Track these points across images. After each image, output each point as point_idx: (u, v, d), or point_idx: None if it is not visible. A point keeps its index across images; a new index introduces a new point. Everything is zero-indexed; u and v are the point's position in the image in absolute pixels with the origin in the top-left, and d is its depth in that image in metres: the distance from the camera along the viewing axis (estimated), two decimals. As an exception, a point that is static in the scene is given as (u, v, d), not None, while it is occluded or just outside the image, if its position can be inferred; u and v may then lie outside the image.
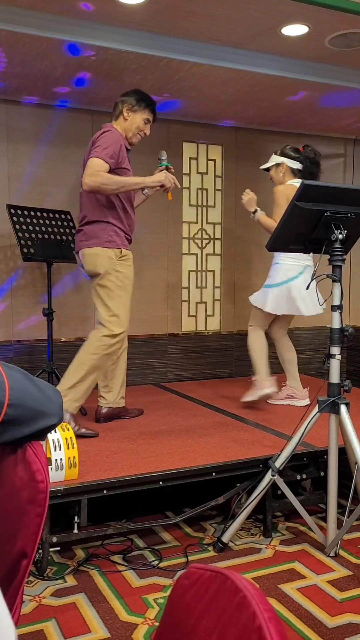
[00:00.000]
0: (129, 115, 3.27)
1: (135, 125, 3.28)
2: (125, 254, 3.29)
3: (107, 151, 3.09)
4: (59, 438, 2.49)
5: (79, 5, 2.84)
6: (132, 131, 3.29)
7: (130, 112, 3.27)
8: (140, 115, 3.28)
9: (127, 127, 3.29)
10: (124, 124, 3.29)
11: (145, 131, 3.33)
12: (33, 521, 1.21)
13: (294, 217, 2.51)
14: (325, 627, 2.13)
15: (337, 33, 3.12)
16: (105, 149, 3.09)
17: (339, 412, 2.53)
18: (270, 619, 0.68)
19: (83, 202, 3.29)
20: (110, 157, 3.09)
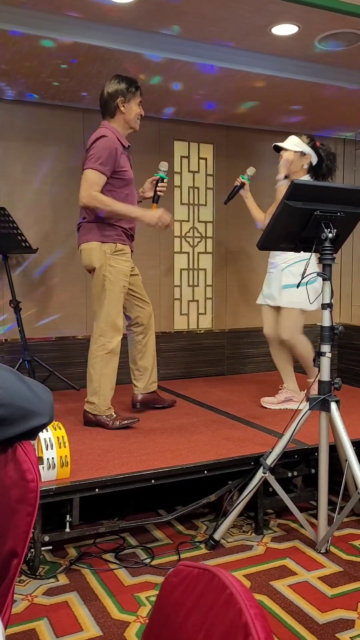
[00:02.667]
0: (125, 108, 3.26)
1: (134, 113, 3.29)
2: (121, 248, 3.28)
3: (101, 160, 3.11)
4: (50, 437, 2.49)
5: (70, 3, 2.84)
6: (132, 120, 3.30)
7: (125, 103, 3.25)
8: (134, 102, 3.28)
9: (126, 118, 3.28)
10: (123, 116, 3.27)
11: (142, 113, 3.34)
12: (23, 520, 1.21)
13: (285, 216, 2.52)
14: (316, 623, 2.15)
15: (327, 33, 3.13)
16: (98, 158, 3.11)
17: (330, 410, 2.55)
18: (256, 616, 0.69)
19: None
20: (105, 166, 3.12)
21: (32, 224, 4.19)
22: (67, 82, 3.78)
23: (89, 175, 3.12)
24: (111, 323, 3.25)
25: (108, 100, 3.27)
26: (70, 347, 4.41)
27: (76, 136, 4.33)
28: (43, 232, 4.27)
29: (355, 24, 3.03)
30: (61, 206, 4.31)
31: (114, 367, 3.31)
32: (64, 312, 4.38)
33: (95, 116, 4.33)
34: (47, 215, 4.28)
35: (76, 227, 3.41)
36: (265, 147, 5.02)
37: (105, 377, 3.27)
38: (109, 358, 3.27)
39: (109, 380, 3.28)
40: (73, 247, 4.36)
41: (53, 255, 4.31)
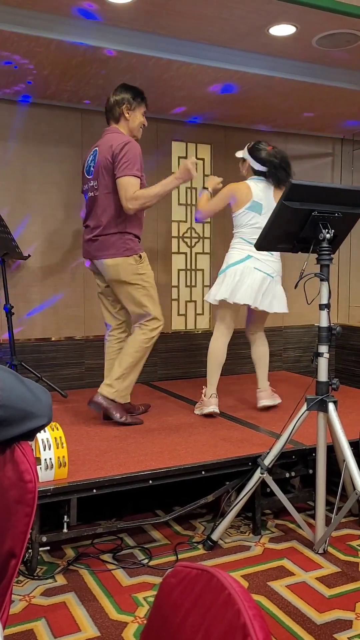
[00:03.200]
0: (129, 115, 3.32)
1: (138, 121, 3.35)
2: (143, 256, 3.38)
3: (137, 166, 3.19)
4: (48, 437, 2.49)
5: (68, 4, 2.84)
6: (136, 129, 3.36)
7: (130, 111, 3.32)
8: (139, 111, 3.34)
9: (131, 126, 3.35)
10: (127, 124, 3.34)
11: (145, 123, 3.40)
12: (21, 521, 1.21)
13: (282, 216, 2.52)
14: (314, 623, 2.15)
15: (325, 33, 3.14)
16: (134, 164, 3.18)
17: (327, 410, 2.55)
18: (254, 616, 0.69)
19: (99, 212, 3.31)
20: (139, 171, 3.21)
21: (28, 224, 4.19)
22: (65, 82, 3.78)
23: (128, 182, 3.17)
24: (153, 321, 3.38)
25: (114, 106, 3.33)
26: (67, 347, 4.41)
27: (74, 137, 4.33)
28: (39, 233, 4.27)
29: (353, 25, 3.03)
30: (59, 207, 4.31)
31: (146, 358, 3.44)
32: (61, 313, 4.38)
33: (94, 117, 4.35)
34: (43, 215, 4.28)
35: (87, 232, 3.41)
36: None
37: (137, 366, 3.40)
38: (148, 350, 3.41)
39: (137, 371, 3.42)
40: (70, 248, 4.37)
41: (51, 256, 4.31)
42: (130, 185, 3.17)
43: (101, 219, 3.30)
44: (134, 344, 3.38)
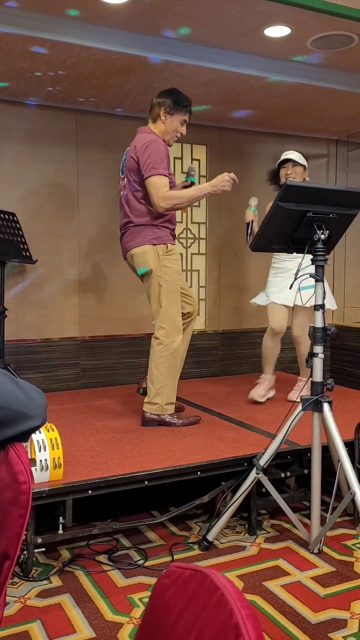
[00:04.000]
0: (166, 119, 3.27)
1: (173, 128, 3.28)
2: (171, 248, 3.32)
3: (162, 165, 3.16)
4: (43, 439, 2.49)
5: (63, 4, 2.84)
6: (169, 134, 3.30)
7: (167, 115, 3.26)
8: (177, 118, 3.27)
9: (165, 129, 3.29)
10: (162, 126, 3.29)
11: (182, 132, 3.32)
12: (16, 522, 1.21)
13: (277, 217, 2.53)
14: (309, 623, 2.15)
15: (319, 35, 3.15)
16: (159, 163, 3.15)
17: (322, 411, 2.55)
18: (247, 616, 0.69)
19: (129, 210, 3.31)
20: (166, 169, 3.19)
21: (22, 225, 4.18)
22: (59, 82, 3.78)
23: (157, 182, 3.14)
24: (173, 323, 3.29)
25: (154, 106, 3.30)
26: (62, 348, 4.41)
27: (69, 137, 4.33)
28: (33, 234, 4.26)
29: (347, 26, 3.04)
30: (54, 208, 4.31)
31: (177, 367, 3.36)
32: (56, 314, 4.38)
33: (88, 117, 4.35)
34: (37, 216, 4.28)
35: (120, 230, 3.41)
36: (258, 149, 5.04)
37: (170, 377, 3.31)
38: (173, 358, 3.31)
39: (172, 380, 3.33)
40: (65, 249, 4.37)
41: (46, 257, 4.31)
42: (160, 184, 3.14)
43: (130, 216, 3.31)
44: (153, 357, 3.31)
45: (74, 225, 4.40)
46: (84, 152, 4.38)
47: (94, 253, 4.48)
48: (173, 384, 3.33)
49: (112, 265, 4.53)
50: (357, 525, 2.91)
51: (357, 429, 2.87)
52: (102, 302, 4.53)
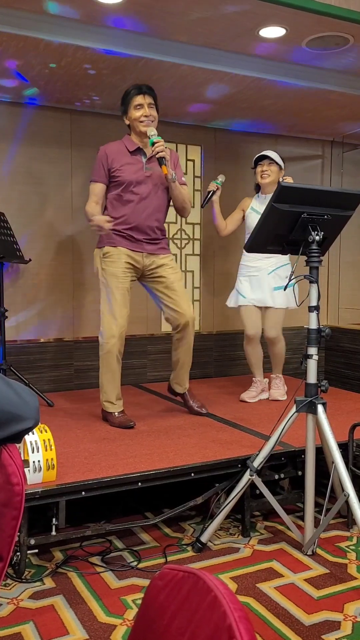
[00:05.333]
0: (128, 120, 3.38)
1: (133, 118, 3.34)
2: (107, 251, 3.37)
3: (94, 172, 3.41)
4: (36, 440, 2.48)
5: (58, 4, 2.83)
6: (135, 125, 3.35)
7: (125, 116, 3.38)
8: (130, 110, 3.33)
9: (132, 126, 3.38)
10: (131, 127, 3.40)
11: (143, 114, 3.31)
12: (9, 524, 1.20)
13: (272, 218, 2.53)
14: (302, 624, 2.15)
15: (315, 36, 3.15)
16: (94, 170, 3.42)
17: (316, 412, 2.55)
18: (240, 618, 0.69)
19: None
20: (96, 175, 3.39)
21: (16, 225, 4.17)
22: (54, 82, 3.77)
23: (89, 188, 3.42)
24: (106, 325, 3.36)
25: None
26: (55, 349, 4.40)
27: (64, 137, 4.32)
28: (27, 234, 4.25)
29: (342, 27, 3.05)
30: (48, 208, 4.30)
31: (113, 368, 3.38)
32: (50, 315, 4.36)
33: (83, 117, 4.34)
34: (31, 216, 4.27)
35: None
36: (253, 149, 5.04)
37: (104, 375, 3.40)
38: (106, 358, 3.37)
39: (107, 380, 3.40)
40: (59, 249, 4.36)
41: (40, 257, 4.29)
42: (90, 192, 3.41)
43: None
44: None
45: (66, 226, 4.39)
46: (78, 152, 4.37)
47: (88, 253, 4.47)
48: (109, 384, 3.39)
49: (107, 266, 4.52)
50: (351, 527, 2.91)
51: (351, 431, 2.87)
52: (96, 303, 4.52)
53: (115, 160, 3.34)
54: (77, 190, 4.38)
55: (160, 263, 3.43)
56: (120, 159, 3.34)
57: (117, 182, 3.34)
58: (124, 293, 3.35)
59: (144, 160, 3.38)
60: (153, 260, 3.42)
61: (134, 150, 3.37)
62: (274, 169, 3.86)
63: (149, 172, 3.37)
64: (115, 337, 3.33)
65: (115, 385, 3.40)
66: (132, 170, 3.34)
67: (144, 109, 3.30)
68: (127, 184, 3.33)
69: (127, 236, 3.37)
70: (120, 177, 3.33)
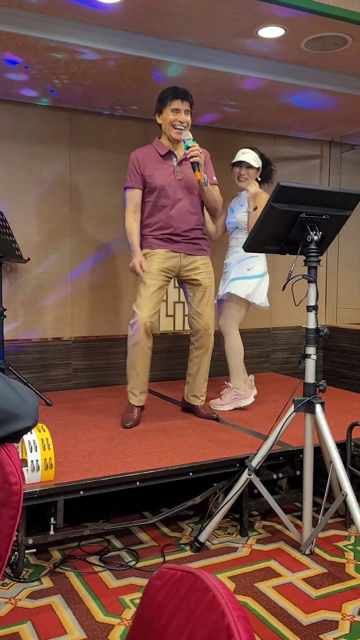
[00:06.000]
0: (160, 120, 3.38)
1: (167, 121, 3.33)
2: (146, 252, 3.43)
3: (129, 178, 3.42)
4: (34, 439, 2.48)
5: (56, 3, 2.83)
6: (168, 129, 3.36)
7: (159, 116, 3.38)
8: (166, 111, 3.33)
9: (163, 129, 3.39)
10: (162, 129, 3.40)
11: (178, 119, 3.31)
12: (7, 524, 1.20)
13: (270, 218, 2.53)
14: (300, 624, 2.15)
15: (313, 36, 3.15)
16: (128, 177, 3.43)
17: (315, 412, 2.56)
18: (238, 618, 0.69)
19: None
20: (131, 181, 3.40)
21: (15, 224, 4.17)
22: (53, 81, 3.76)
23: (126, 195, 3.45)
24: (134, 318, 3.39)
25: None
26: (54, 348, 4.39)
27: (63, 136, 4.31)
28: (26, 233, 4.25)
29: (341, 28, 3.05)
30: (46, 207, 4.30)
31: (141, 359, 3.41)
32: (48, 314, 4.36)
33: (82, 116, 4.34)
34: (30, 215, 4.26)
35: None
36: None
37: (132, 365, 3.45)
38: (134, 349, 3.41)
39: (134, 369, 3.44)
40: (58, 248, 4.36)
41: (38, 256, 4.29)
42: (127, 199, 3.43)
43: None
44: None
45: (66, 225, 4.39)
46: (77, 151, 4.37)
47: (87, 253, 4.47)
48: (132, 375, 3.46)
49: (105, 266, 4.52)
50: (349, 527, 2.91)
51: (349, 430, 2.87)
52: (95, 302, 4.52)
53: (146, 165, 3.36)
54: (75, 189, 4.37)
55: (197, 264, 3.48)
56: (152, 164, 3.37)
57: (150, 188, 3.37)
58: (155, 291, 3.38)
59: (175, 163, 3.41)
60: (190, 261, 3.47)
61: (165, 154, 3.39)
62: (252, 172, 3.83)
63: (180, 175, 3.39)
64: (140, 330, 3.36)
65: (141, 377, 3.43)
66: (164, 175, 3.37)
67: (180, 114, 3.31)
68: (160, 189, 3.35)
69: (166, 239, 3.42)
70: (153, 183, 3.35)
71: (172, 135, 3.34)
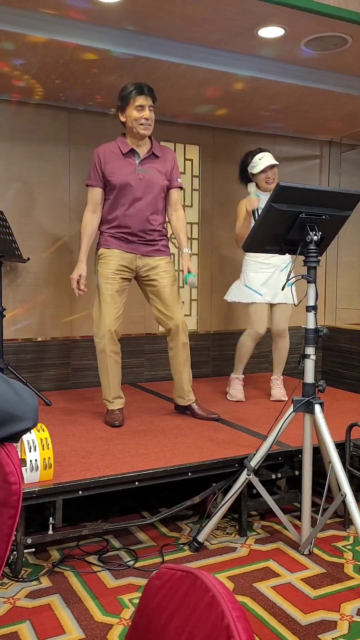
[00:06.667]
0: (124, 117, 3.31)
1: (132, 118, 3.27)
2: (102, 252, 3.41)
3: (90, 175, 3.39)
4: (33, 439, 2.48)
5: (55, 2, 2.83)
6: (133, 126, 3.28)
7: (123, 113, 3.30)
8: (130, 109, 3.26)
9: (128, 125, 3.32)
10: (127, 126, 3.34)
11: (144, 116, 3.26)
12: (5, 523, 1.20)
13: (270, 218, 2.53)
14: (299, 624, 2.15)
15: (313, 36, 3.15)
16: (90, 174, 3.40)
17: (314, 412, 2.56)
18: (238, 618, 0.69)
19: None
20: (91, 179, 3.38)
21: (13, 223, 4.17)
22: (52, 81, 3.76)
23: (88, 193, 3.41)
24: (95, 325, 3.41)
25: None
26: (53, 348, 4.39)
27: (61, 135, 4.31)
28: (24, 233, 4.24)
29: (341, 28, 3.05)
30: (45, 206, 4.30)
31: (108, 367, 3.41)
32: (47, 313, 4.36)
33: (81, 116, 4.34)
34: (28, 215, 4.26)
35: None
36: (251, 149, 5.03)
37: (101, 374, 3.45)
38: (101, 357, 3.41)
39: (103, 378, 3.45)
40: (56, 248, 4.36)
41: (37, 256, 4.29)
42: (89, 196, 3.41)
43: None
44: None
45: (65, 224, 4.39)
46: (76, 150, 4.36)
47: (86, 253, 4.47)
48: (105, 382, 3.45)
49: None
50: (348, 527, 2.91)
51: (348, 431, 2.87)
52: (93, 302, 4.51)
53: (108, 163, 3.32)
54: (75, 188, 4.37)
55: (153, 265, 3.42)
56: (113, 161, 3.33)
57: (110, 186, 3.34)
58: (112, 294, 3.36)
59: (137, 161, 3.36)
60: (146, 262, 3.41)
61: (127, 152, 3.34)
62: (276, 170, 3.90)
63: (142, 174, 3.34)
64: (105, 338, 3.35)
65: (111, 384, 3.42)
66: (125, 173, 3.32)
67: (145, 111, 3.24)
68: (120, 187, 3.32)
69: (121, 238, 3.39)
70: (112, 180, 3.32)
71: (139, 132, 3.28)
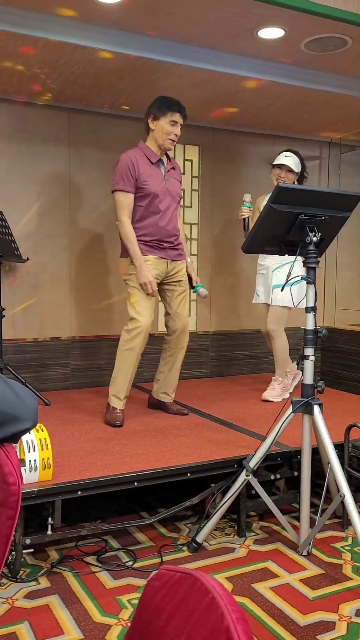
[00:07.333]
0: (154, 125, 3.37)
1: (163, 131, 3.35)
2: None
3: (122, 182, 3.35)
4: (32, 439, 2.48)
5: (56, 2, 2.82)
6: (161, 138, 3.37)
7: (154, 121, 3.36)
8: (164, 120, 3.34)
9: (156, 135, 3.39)
10: (153, 134, 3.40)
11: (174, 132, 3.37)
12: (4, 524, 1.20)
13: (269, 219, 2.53)
14: (298, 625, 2.15)
15: (313, 37, 3.15)
16: (119, 180, 3.35)
17: (313, 413, 2.56)
18: (238, 620, 0.69)
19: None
20: (126, 185, 3.34)
21: (13, 224, 4.16)
22: (52, 81, 3.76)
23: (116, 198, 3.38)
24: (133, 323, 3.43)
25: (144, 118, 3.43)
26: (52, 348, 4.39)
27: (61, 136, 4.31)
28: (23, 233, 4.24)
29: (341, 29, 3.05)
30: (45, 206, 4.29)
31: (134, 365, 3.45)
32: (47, 314, 4.36)
33: (81, 116, 4.34)
34: (28, 215, 4.26)
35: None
36: (251, 150, 5.05)
37: (123, 370, 3.45)
38: (129, 354, 3.43)
39: (125, 374, 3.46)
40: (56, 248, 4.36)
41: (37, 256, 4.29)
42: (118, 203, 3.38)
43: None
44: (118, 346, 3.47)
45: (65, 225, 4.38)
46: (76, 151, 4.36)
47: (86, 253, 4.47)
48: (125, 379, 3.46)
49: (103, 265, 4.52)
50: (346, 528, 2.91)
51: (346, 432, 2.87)
52: (93, 302, 4.52)
53: (141, 169, 3.36)
54: (74, 189, 4.37)
55: (179, 268, 3.58)
56: (145, 169, 3.38)
57: (144, 193, 3.37)
58: (148, 296, 3.43)
59: (163, 171, 3.44)
60: (175, 265, 3.55)
61: (156, 162, 3.41)
62: (290, 176, 3.94)
63: (167, 184, 3.44)
64: (139, 337, 3.40)
65: (127, 382, 3.45)
66: (156, 182, 3.39)
67: (176, 127, 3.38)
68: (153, 196, 3.38)
69: (155, 245, 3.45)
70: (147, 188, 3.36)
71: (166, 145, 3.39)
